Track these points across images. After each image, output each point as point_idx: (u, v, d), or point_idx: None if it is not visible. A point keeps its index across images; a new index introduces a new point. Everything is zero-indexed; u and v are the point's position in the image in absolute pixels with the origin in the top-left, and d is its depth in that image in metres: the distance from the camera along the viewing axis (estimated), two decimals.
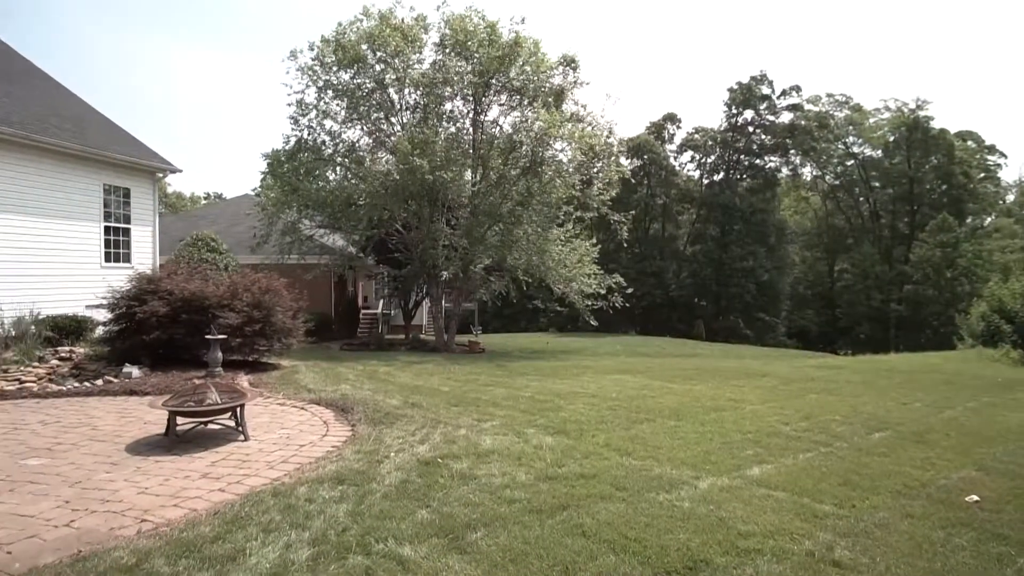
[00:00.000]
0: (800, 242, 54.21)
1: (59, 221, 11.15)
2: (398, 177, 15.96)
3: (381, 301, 24.32)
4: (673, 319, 43.73)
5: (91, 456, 4.87)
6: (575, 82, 19.52)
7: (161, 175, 13.71)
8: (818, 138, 48.71)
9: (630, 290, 20.28)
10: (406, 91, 18.98)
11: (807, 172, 54.10)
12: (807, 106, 49.91)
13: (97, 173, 11.96)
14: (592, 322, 19.50)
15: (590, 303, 18.99)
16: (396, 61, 18.41)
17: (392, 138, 18.47)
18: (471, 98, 19.12)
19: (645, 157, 46.16)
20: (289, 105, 19.07)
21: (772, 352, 29.51)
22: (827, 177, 54.08)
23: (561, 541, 3.33)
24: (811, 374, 12.55)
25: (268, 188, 19.32)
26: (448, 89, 18.52)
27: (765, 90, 48.20)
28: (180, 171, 13.84)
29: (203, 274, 10.14)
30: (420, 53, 18.84)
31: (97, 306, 10.81)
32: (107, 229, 12.18)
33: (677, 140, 50.89)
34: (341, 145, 19.55)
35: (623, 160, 21.40)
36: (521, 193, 17.82)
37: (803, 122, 47.85)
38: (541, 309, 33.24)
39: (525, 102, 18.83)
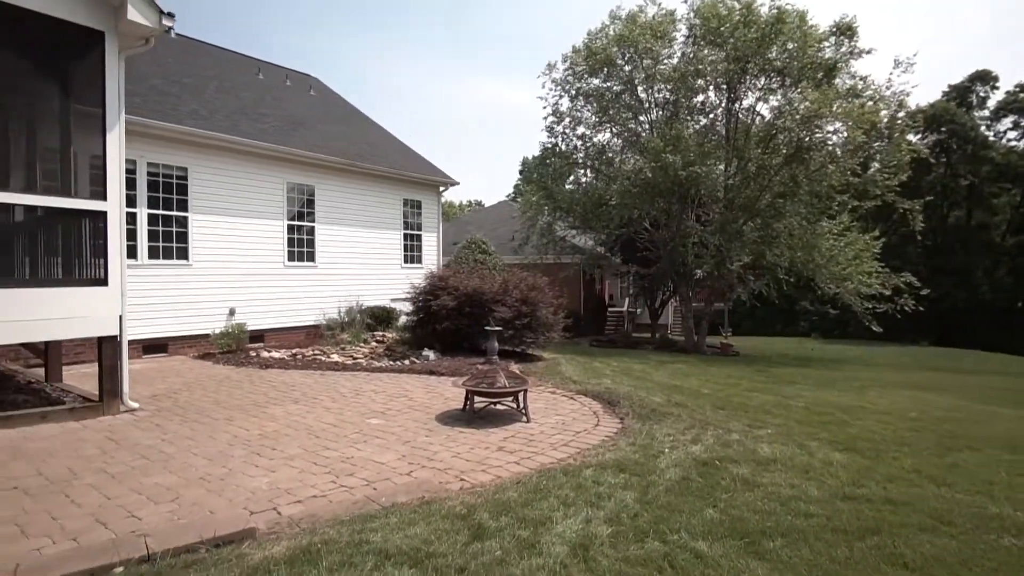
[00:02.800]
0: None
1: (374, 230, 13.80)
2: (649, 175, 15.93)
3: (627, 299, 24.55)
4: (982, 328, 35.17)
5: (412, 421, 5.93)
6: (851, 52, 17.10)
7: (443, 188, 15.95)
8: None
9: (925, 291, 16.96)
10: (654, 88, 18.84)
11: None
12: None
13: (399, 190, 14.48)
14: (874, 327, 16.82)
15: (870, 306, 16.44)
16: (644, 60, 18.41)
17: (641, 137, 18.51)
18: (724, 87, 18.11)
19: (943, 130, 38.01)
20: (545, 118, 20.48)
21: None
22: None
23: (878, 567, 2.98)
24: None
25: (529, 193, 21.02)
26: (699, 81, 17.84)
27: None
28: (458, 183, 15.93)
29: (480, 273, 11.49)
30: (670, 47, 18.51)
31: (398, 299, 13.09)
32: (405, 236, 14.66)
33: (992, 104, 40.78)
34: (592, 148, 20.30)
35: (911, 137, 17.94)
36: (784, 183, 16.25)
37: None
38: (803, 311, 29.74)
39: (787, 83, 17.13)
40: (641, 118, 19.46)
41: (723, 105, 18.59)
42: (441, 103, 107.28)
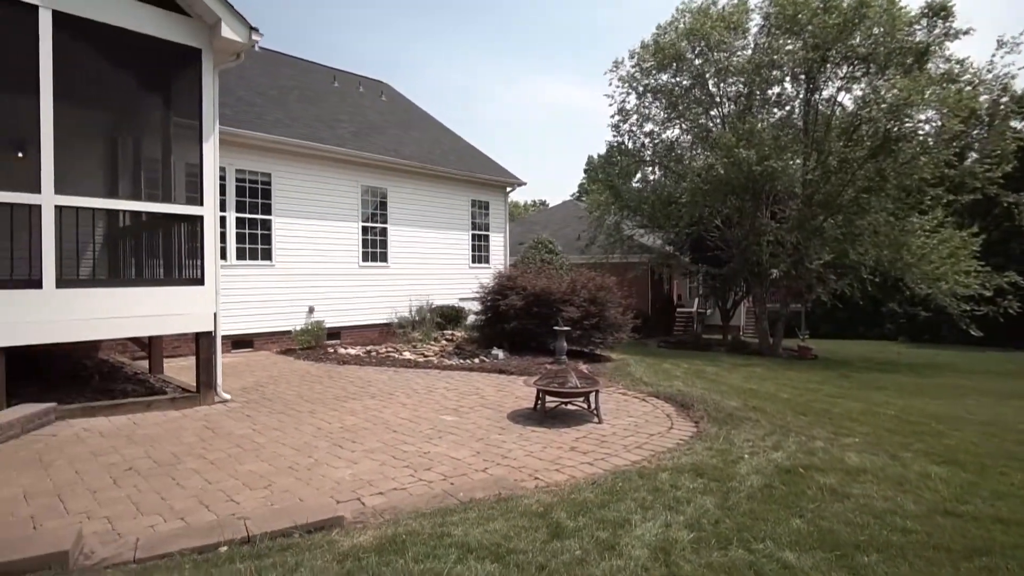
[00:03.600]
0: None
1: (443, 231, 14.09)
2: (721, 171, 15.40)
3: (696, 300, 23.87)
4: None
5: (485, 419, 6.02)
6: (945, 34, 15.85)
7: (510, 189, 16.07)
8: None
9: None
10: (726, 82, 18.22)
11: None
12: None
13: (467, 191, 14.72)
14: (972, 331, 15.57)
15: (968, 308, 15.23)
16: (715, 53, 17.85)
17: (712, 132, 17.96)
18: (802, 77, 17.26)
19: None
20: (611, 116, 20.27)
21: None
22: None
23: None
24: None
25: (595, 192, 20.86)
26: (775, 72, 17.10)
27: None
28: (525, 184, 16.01)
29: (547, 273, 11.51)
30: (744, 38, 17.86)
31: (467, 299, 13.30)
32: (472, 236, 14.88)
33: None
34: (660, 146, 19.88)
35: (1016, 123, 16.42)
36: (869, 177, 15.29)
37: None
38: (889, 313, 27.89)
39: (873, 70, 16.11)
40: (712, 113, 18.88)
41: (800, 96, 17.73)
42: (505, 103, 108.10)
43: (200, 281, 6.45)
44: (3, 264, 5.40)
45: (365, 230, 12.44)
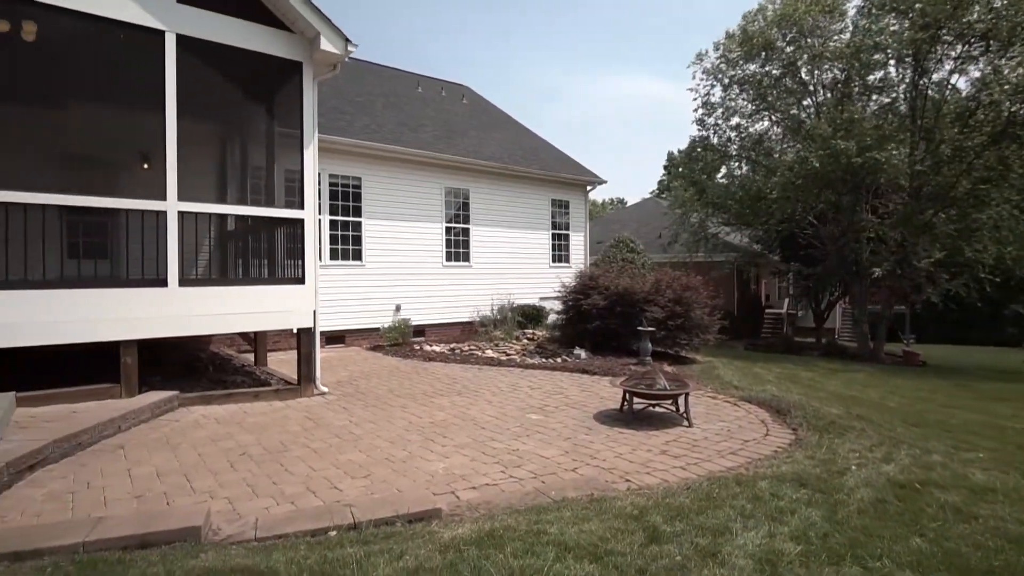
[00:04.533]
0: None
1: (523, 231, 14.19)
2: (816, 164, 14.52)
3: (786, 300, 22.67)
4: None
5: (571, 419, 6.00)
6: None
7: (590, 188, 15.93)
8: None
9: None
10: (821, 69, 17.17)
11: None
12: None
13: (547, 190, 14.74)
14: None
15: None
16: (809, 39, 16.87)
17: (805, 123, 16.99)
18: (909, 59, 15.96)
19: None
20: (695, 110, 19.64)
21: None
22: None
23: None
24: None
25: (678, 189, 20.29)
26: (876, 55, 15.91)
27: None
28: (605, 182, 15.82)
29: (630, 272, 11.31)
30: (841, 21, 16.76)
31: (547, 298, 13.33)
32: (553, 236, 14.89)
33: None
34: (747, 139, 19.05)
35: None
36: (989, 167, 13.92)
37: None
38: (1012, 316, 25.25)
39: (993, 48, 14.62)
40: (805, 102, 17.88)
41: (907, 81, 16.42)
42: (583, 101, 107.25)
43: (301, 280, 6.85)
44: (136, 265, 5.98)
45: (448, 231, 12.75)
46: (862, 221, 15.53)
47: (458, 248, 12.91)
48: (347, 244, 11.24)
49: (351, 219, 11.26)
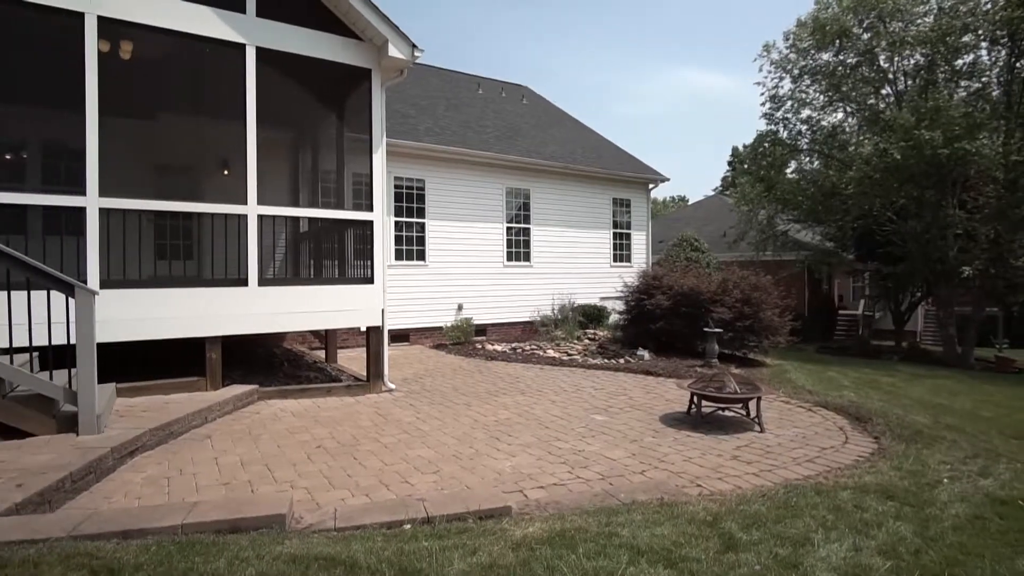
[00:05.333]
0: None
1: (584, 230, 14.10)
2: (897, 156, 13.67)
3: (862, 301, 21.48)
4: None
5: (635, 420, 5.92)
6: None
7: (652, 186, 15.64)
8: None
9: None
10: (902, 56, 16.15)
11: None
12: None
13: (608, 189, 14.58)
14: None
15: None
16: (889, 24, 15.89)
17: (884, 113, 16.03)
18: (1004, 41, 14.78)
19: None
20: (762, 104, 18.90)
21: None
22: None
23: None
24: None
25: (744, 185, 19.61)
26: (966, 37, 14.82)
27: None
28: (668, 179, 15.50)
29: (695, 272, 11.03)
30: (926, 3, 15.70)
31: (608, 298, 13.18)
32: (614, 235, 14.71)
33: None
34: (819, 132, 18.17)
35: None
36: None
37: None
38: None
39: None
40: (884, 91, 16.88)
41: (1000, 64, 15.20)
42: (641, 98, 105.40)
43: (370, 280, 7.08)
44: (219, 266, 6.35)
45: (509, 231, 12.83)
46: (949, 216, 14.51)
47: (519, 248, 12.97)
48: (411, 244, 11.51)
49: (415, 220, 11.52)
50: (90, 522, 2.97)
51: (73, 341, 4.37)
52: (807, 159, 19.45)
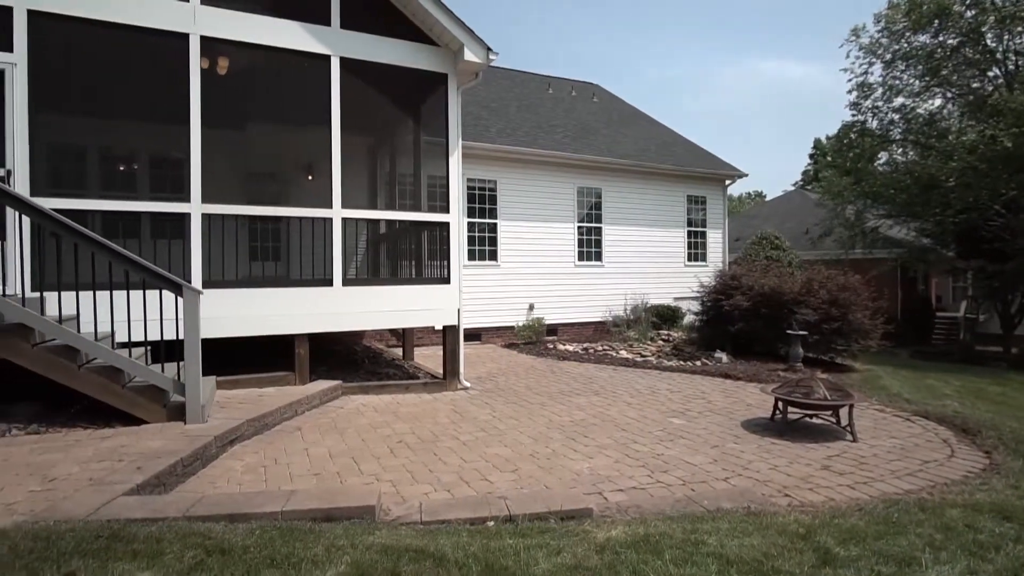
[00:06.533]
0: None
1: (657, 229, 13.81)
2: (1008, 144, 12.51)
3: (963, 303, 19.78)
4: None
5: (716, 425, 5.74)
6: None
7: (729, 182, 15.09)
8: None
9: None
10: (1012, 33, 14.75)
11: None
12: None
13: (682, 186, 14.21)
14: None
15: None
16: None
17: (991, 97, 14.70)
18: None
19: None
20: (849, 92, 17.83)
21: None
22: None
23: None
24: None
25: (830, 179, 18.56)
26: None
27: None
28: (746, 175, 14.91)
29: (775, 271, 10.55)
30: None
31: (682, 298, 12.84)
32: (688, 233, 14.31)
33: None
34: (915, 121, 16.91)
35: None
36: None
37: None
38: None
39: None
40: (991, 73, 15.51)
41: None
42: (715, 91, 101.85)
43: (447, 280, 7.24)
44: (307, 266, 6.69)
45: (580, 230, 12.75)
46: None
47: (590, 248, 12.88)
48: (483, 245, 11.68)
49: (487, 221, 11.68)
50: (201, 505, 3.21)
51: (181, 337, 4.75)
52: (900, 150, 18.16)
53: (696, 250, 14.43)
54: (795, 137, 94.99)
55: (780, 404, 5.60)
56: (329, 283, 6.60)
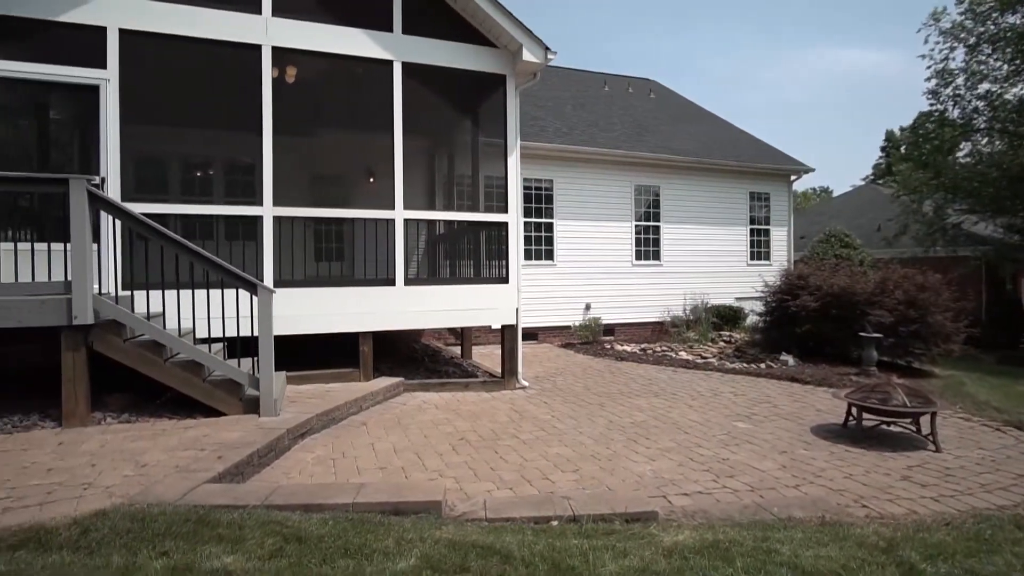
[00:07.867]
0: None
1: (717, 227, 13.43)
2: None
3: None
4: None
5: (783, 431, 5.53)
6: None
7: (794, 177, 14.50)
8: None
9: None
10: None
11: None
12: None
13: (744, 183, 13.75)
14: None
15: None
16: None
17: None
18: None
19: None
20: (928, 79, 16.74)
21: None
22: None
23: None
24: None
25: (905, 173, 17.54)
26: None
27: None
28: (812, 170, 14.28)
29: (846, 271, 10.05)
30: None
31: (744, 298, 12.44)
32: (750, 231, 13.84)
33: None
34: (1002, 108, 15.73)
35: None
36: None
37: None
38: None
39: None
40: None
41: None
42: (777, 83, 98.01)
43: (505, 280, 7.29)
44: (371, 266, 6.88)
45: (638, 229, 12.56)
46: None
47: (648, 247, 12.66)
48: (539, 244, 11.68)
49: (543, 220, 11.68)
50: (277, 494, 3.37)
51: (255, 334, 4.99)
52: (984, 140, 16.91)
53: (759, 248, 13.93)
54: (864, 129, 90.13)
55: (854, 410, 5.34)
56: (392, 283, 6.77)
